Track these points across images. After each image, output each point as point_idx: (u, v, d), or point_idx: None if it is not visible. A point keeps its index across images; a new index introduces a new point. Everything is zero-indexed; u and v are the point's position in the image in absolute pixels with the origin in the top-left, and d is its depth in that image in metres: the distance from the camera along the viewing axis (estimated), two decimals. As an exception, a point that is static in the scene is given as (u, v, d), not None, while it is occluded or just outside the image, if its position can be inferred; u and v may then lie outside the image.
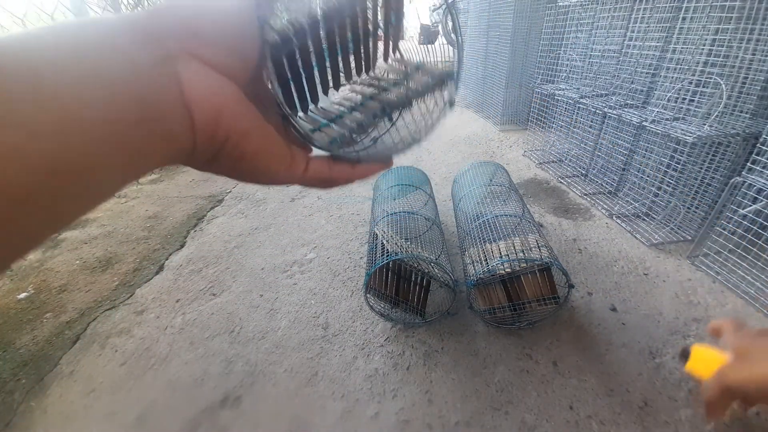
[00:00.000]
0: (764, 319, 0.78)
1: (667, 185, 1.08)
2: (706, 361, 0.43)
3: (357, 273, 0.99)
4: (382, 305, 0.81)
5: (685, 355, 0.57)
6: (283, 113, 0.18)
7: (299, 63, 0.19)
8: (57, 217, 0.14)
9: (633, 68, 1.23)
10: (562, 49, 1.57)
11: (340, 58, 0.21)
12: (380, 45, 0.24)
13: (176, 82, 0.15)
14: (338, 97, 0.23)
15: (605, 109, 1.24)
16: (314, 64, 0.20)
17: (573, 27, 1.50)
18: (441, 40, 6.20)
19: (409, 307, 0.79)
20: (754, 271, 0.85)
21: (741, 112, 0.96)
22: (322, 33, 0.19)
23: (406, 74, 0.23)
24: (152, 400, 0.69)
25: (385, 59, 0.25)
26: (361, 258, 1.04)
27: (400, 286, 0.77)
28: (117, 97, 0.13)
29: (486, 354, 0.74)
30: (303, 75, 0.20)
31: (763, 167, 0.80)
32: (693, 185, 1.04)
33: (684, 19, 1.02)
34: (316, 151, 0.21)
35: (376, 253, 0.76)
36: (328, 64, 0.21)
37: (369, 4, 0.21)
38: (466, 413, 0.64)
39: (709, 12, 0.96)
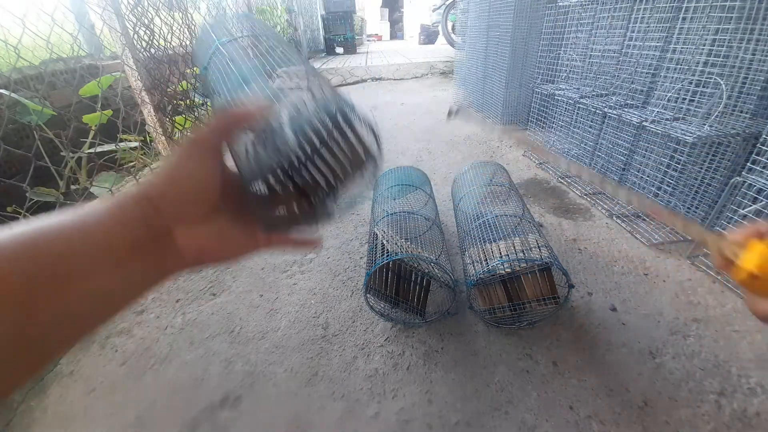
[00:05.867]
0: (764, 319, 0.78)
1: (667, 185, 1.08)
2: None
3: (357, 273, 0.99)
4: (382, 305, 0.81)
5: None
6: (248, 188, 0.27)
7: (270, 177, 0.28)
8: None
9: (633, 68, 1.23)
10: (562, 49, 1.57)
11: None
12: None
13: (173, 243, 0.25)
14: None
15: (605, 109, 1.24)
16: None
17: (573, 27, 1.50)
18: (440, 40, 6.20)
19: (409, 307, 0.79)
20: (754, 271, 0.85)
21: (741, 112, 0.96)
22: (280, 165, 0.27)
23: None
24: (152, 400, 0.69)
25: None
26: (361, 258, 1.04)
27: (400, 286, 0.77)
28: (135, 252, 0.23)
29: (486, 354, 0.74)
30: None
31: (763, 167, 0.80)
32: (693, 185, 1.04)
33: (684, 19, 1.02)
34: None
35: (376, 253, 0.76)
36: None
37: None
38: (466, 413, 0.64)
39: (709, 12, 0.96)
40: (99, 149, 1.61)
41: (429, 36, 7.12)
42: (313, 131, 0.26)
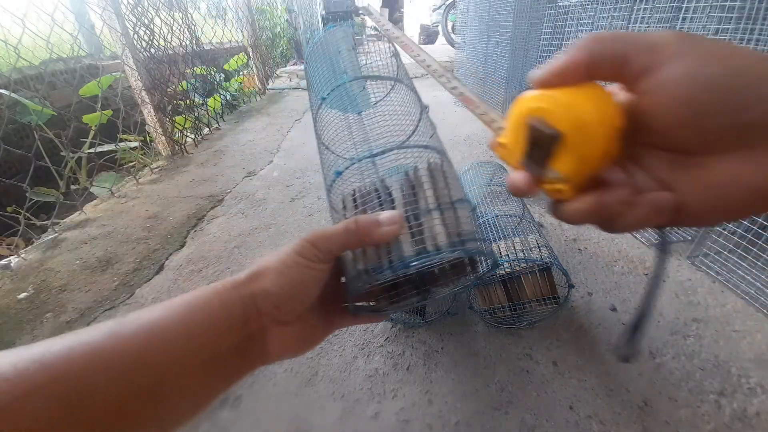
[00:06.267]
0: (764, 319, 0.78)
1: (667, 185, 1.08)
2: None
3: (357, 273, 0.99)
4: (382, 305, 0.81)
5: None
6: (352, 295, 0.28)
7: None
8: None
9: (633, 68, 1.23)
10: (562, 49, 1.57)
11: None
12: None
13: (264, 343, 0.25)
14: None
15: (605, 109, 1.24)
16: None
17: (573, 27, 1.50)
18: (440, 40, 6.19)
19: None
20: (754, 271, 0.85)
21: (741, 112, 0.96)
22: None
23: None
24: (152, 400, 0.69)
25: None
26: (361, 258, 1.04)
27: (400, 286, 0.77)
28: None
29: (486, 354, 0.74)
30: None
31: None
32: (693, 185, 1.04)
33: (684, 19, 1.02)
34: None
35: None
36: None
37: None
38: (466, 413, 0.64)
39: (709, 12, 0.96)
40: (99, 149, 1.61)
41: (429, 36, 7.12)
42: (437, 267, 0.26)
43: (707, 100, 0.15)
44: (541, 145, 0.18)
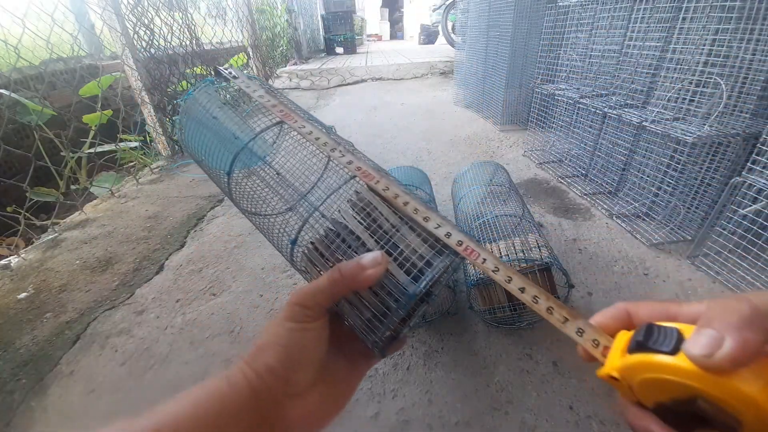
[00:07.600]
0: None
1: (667, 185, 1.08)
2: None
3: (357, 273, 0.98)
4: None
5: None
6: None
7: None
8: None
9: (633, 68, 1.23)
10: (562, 49, 1.57)
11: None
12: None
13: (283, 420, 0.24)
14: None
15: (605, 109, 1.24)
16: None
17: (573, 27, 1.50)
18: (440, 40, 6.20)
19: (409, 307, 0.79)
20: (754, 271, 0.85)
21: (741, 112, 0.96)
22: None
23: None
24: (152, 400, 0.68)
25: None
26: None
27: (400, 286, 0.77)
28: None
29: (486, 354, 0.74)
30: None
31: (763, 167, 0.80)
32: (693, 185, 1.04)
33: (684, 19, 1.02)
34: None
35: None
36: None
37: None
38: (466, 413, 0.64)
39: (709, 12, 0.96)
40: (99, 149, 1.61)
41: (429, 36, 7.12)
42: (435, 280, 0.25)
43: None
44: (694, 411, 0.17)
